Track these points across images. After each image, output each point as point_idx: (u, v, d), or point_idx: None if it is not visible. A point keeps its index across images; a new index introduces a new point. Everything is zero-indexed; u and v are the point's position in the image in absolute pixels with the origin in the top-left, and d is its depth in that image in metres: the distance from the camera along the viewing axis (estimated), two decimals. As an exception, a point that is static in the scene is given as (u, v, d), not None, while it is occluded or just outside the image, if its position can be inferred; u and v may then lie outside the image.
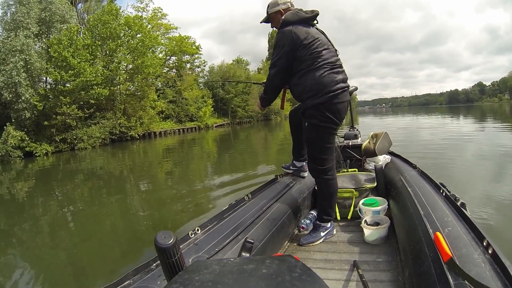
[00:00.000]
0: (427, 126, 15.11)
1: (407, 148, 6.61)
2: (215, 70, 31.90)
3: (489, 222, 2.62)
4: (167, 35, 26.20)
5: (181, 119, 24.64)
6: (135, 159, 10.73)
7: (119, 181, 6.67)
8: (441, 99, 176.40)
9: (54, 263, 2.77)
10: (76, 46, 14.07)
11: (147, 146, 15.12)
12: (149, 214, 4.07)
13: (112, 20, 15.95)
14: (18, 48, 12.44)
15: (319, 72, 1.59)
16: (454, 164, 5.06)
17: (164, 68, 26.58)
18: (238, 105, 31.93)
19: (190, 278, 0.53)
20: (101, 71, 15.11)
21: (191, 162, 9.12)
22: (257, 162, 7.35)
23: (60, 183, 7.09)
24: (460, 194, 1.42)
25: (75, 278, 2.47)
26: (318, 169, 1.74)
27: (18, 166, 10.55)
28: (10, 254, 3.04)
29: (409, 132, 12.22)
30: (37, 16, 14.06)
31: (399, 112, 48.64)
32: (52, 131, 13.69)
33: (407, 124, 17.14)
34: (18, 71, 12.28)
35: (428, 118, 23.10)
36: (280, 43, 1.64)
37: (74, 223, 3.93)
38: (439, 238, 0.96)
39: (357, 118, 33.26)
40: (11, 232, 3.76)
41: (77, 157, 11.98)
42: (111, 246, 3.11)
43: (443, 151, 6.38)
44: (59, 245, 3.21)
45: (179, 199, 4.52)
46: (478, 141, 7.91)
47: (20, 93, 12.47)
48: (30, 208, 4.90)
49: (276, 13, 1.77)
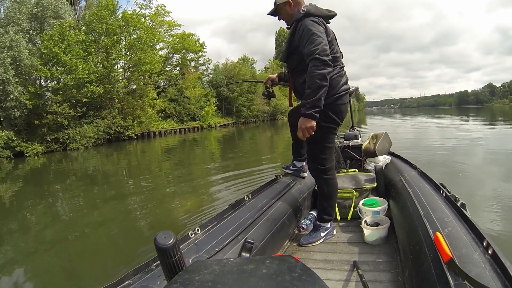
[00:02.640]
0: (436, 127, 14.79)
1: (415, 152, 6.46)
2: (220, 68, 30.94)
3: (499, 226, 2.59)
4: (170, 32, 25.76)
5: (183, 119, 24.11)
6: (130, 160, 10.54)
7: (112, 182, 6.59)
8: (450, 100, 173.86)
9: (51, 265, 2.74)
10: (68, 42, 13.62)
11: (145, 146, 14.84)
12: (144, 215, 4.01)
13: (108, 15, 15.52)
14: (6, 44, 12.00)
15: (331, 74, 1.58)
16: (465, 169, 4.85)
17: (168, 66, 26.24)
18: (243, 104, 30.95)
19: (190, 278, 0.53)
20: (94, 68, 14.62)
21: (191, 162, 9.01)
22: (261, 161, 7.18)
23: (50, 184, 6.89)
24: (471, 201, 1.41)
25: (72, 280, 2.45)
26: (319, 168, 1.74)
27: (7, 167, 10.29)
28: (4, 256, 3.01)
29: (418, 134, 12.01)
30: (28, 11, 13.74)
31: (408, 113, 47.77)
32: (44, 131, 13.27)
33: (416, 126, 16.72)
34: (6, 68, 11.79)
35: (437, 119, 22.66)
36: (318, 29, 1.52)
37: (67, 224, 3.85)
38: (439, 238, 0.96)
39: (365, 119, 32.76)
40: (2, 234, 3.70)
41: (69, 157, 11.76)
42: (108, 247, 3.09)
43: (452, 155, 6.19)
44: (54, 246, 3.15)
45: (176, 200, 4.47)
46: (489, 144, 7.64)
47: (8, 91, 11.97)
48: (19, 210, 4.78)
49: (285, 4, 1.70)
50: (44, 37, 13.44)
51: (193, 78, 25.94)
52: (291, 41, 1.67)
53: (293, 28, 1.66)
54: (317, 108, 1.48)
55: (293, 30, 1.65)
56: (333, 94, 1.60)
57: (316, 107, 1.48)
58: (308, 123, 1.50)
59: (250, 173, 5.61)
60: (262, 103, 31.56)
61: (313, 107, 1.47)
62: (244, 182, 4.95)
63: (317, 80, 1.46)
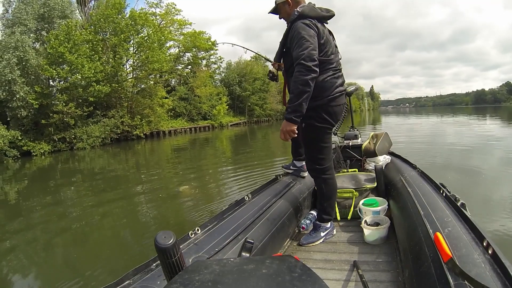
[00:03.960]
0: (454, 127, 14.27)
1: (430, 155, 6.19)
2: (232, 66, 30.29)
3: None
4: (181, 31, 25.45)
5: (193, 118, 23.77)
6: (137, 159, 10.52)
7: (117, 181, 6.59)
8: (467, 99, 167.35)
9: (53, 264, 2.76)
10: (74, 42, 13.64)
11: (154, 145, 14.69)
12: (148, 215, 4.05)
13: (115, 14, 15.49)
14: (12, 45, 12.16)
15: (323, 76, 1.58)
16: (483, 171, 4.62)
17: (179, 65, 25.96)
18: (256, 103, 30.29)
19: (190, 278, 0.53)
20: (101, 67, 14.62)
21: (201, 161, 8.85)
22: (275, 161, 7.04)
23: (56, 183, 6.97)
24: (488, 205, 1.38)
25: (74, 279, 2.46)
26: (317, 168, 1.74)
27: (14, 166, 10.37)
28: (8, 254, 3.03)
29: (435, 133, 11.69)
30: (35, 12, 13.84)
31: (423, 112, 46.75)
32: (50, 130, 13.37)
33: (432, 125, 16.24)
34: (11, 68, 11.95)
35: (455, 118, 22.04)
36: (308, 33, 1.51)
37: (71, 223, 3.87)
38: (439, 238, 0.96)
39: (380, 118, 32.27)
40: (7, 233, 3.72)
41: (75, 157, 11.80)
42: (110, 246, 3.10)
43: (469, 156, 5.97)
44: (57, 245, 3.19)
45: (181, 200, 4.45)
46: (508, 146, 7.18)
47: (14, 91, 12.14)
48: (26, 207, 4.84)
49: (284, 3, 1.70)
50: (50, 37, 13.49)
51: (204, 77, 25.54)
52: (284, 42, 1.68)
53: (287, 29, 1.67)
54: (298, 113, 1.50)
55: (287, 31, 1.66)
56: (327, 96, 1.60)
57: (297, 111, 1.50)
58: (288, 127, 1.53)
59: (263, 174, 5.48)
60: (275, 102, 31.30)
61: (293, 112, 1.50)
62: (258, 183, 4.85)
63: (299, 86, 1.47)
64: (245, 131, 20.63)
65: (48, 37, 13.71)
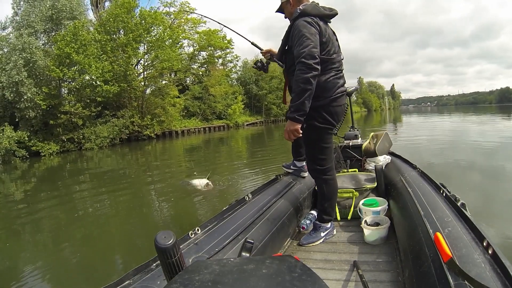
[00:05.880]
0: (478, 127, 13.71)
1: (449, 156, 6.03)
2: (248, 65, 28.91)
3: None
4: (195, 29, 25.08)
5: (207, 117, 23.08)
6: (147, 160, 10.36)
7: (125, 181, 6.58)
8: (491, 98, 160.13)
9: (57, 263, 2.77)
10: (81, 42, 13.61)
11: (165, 146, 14.49)
12: (151, 215, 4.05)
13: (124, 13, 15.36)
14: (19, 46, 12.29)
15: (325, 76, 1.58)
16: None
17: (194, 64, 25.61)
18: (273, 102, 29.34)
19: (190, 278, 0.53)
20: (109, 67, 14.53)
21: (216, 160, 8.67)
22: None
23: (64, 183, 6.98)
24: None
25: (76, 278, 2.47)
26: (318, 169, 1.74)
27: (22, 166, 10.38)
28: (15, 253, 3.04)
29: (457, 133, 11.33)
30: (43, 14, 13.94)
31: (445, 111, 45.63)
32: (59, 130, 13.41)
33: (457, 125, 15.56)
34: (18, 69, 12.08)
35: (479, 117, 21.11)
36: (309, 31, 1.49)
37: (76, 223, 3.90)
38: (439, 238, 0.96)
39: (401, 117, 31.71)
40: (13, 232, 3.75)
41: (83, 157, 11.79)
42: (112, 247, 3.11)
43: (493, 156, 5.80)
44: (62, 245, 3.20)
45: (188, 201, 4.39)
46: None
47: (22, 92, 12.28)
48: (34, 206, 4.86)
49: (286, 2, 1.70)
50: (57, 37, 13.53)
51: (219, 75, 25.06)
52: (286, 40, 1.67)
53: (289, 27, 1.66)
54: (301, 111, 1.49)
55: (289, 29, 1.65)
56: (329, 96, 1.60)
57: (300, 110, 1.48)
58: (292, 126, 1.52)
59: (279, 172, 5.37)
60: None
61: (296, 111, 1.49)
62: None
63: (301, 84, 1.46)
64: (261, 131, 20.23)
65: (55, 38, 13.78)
